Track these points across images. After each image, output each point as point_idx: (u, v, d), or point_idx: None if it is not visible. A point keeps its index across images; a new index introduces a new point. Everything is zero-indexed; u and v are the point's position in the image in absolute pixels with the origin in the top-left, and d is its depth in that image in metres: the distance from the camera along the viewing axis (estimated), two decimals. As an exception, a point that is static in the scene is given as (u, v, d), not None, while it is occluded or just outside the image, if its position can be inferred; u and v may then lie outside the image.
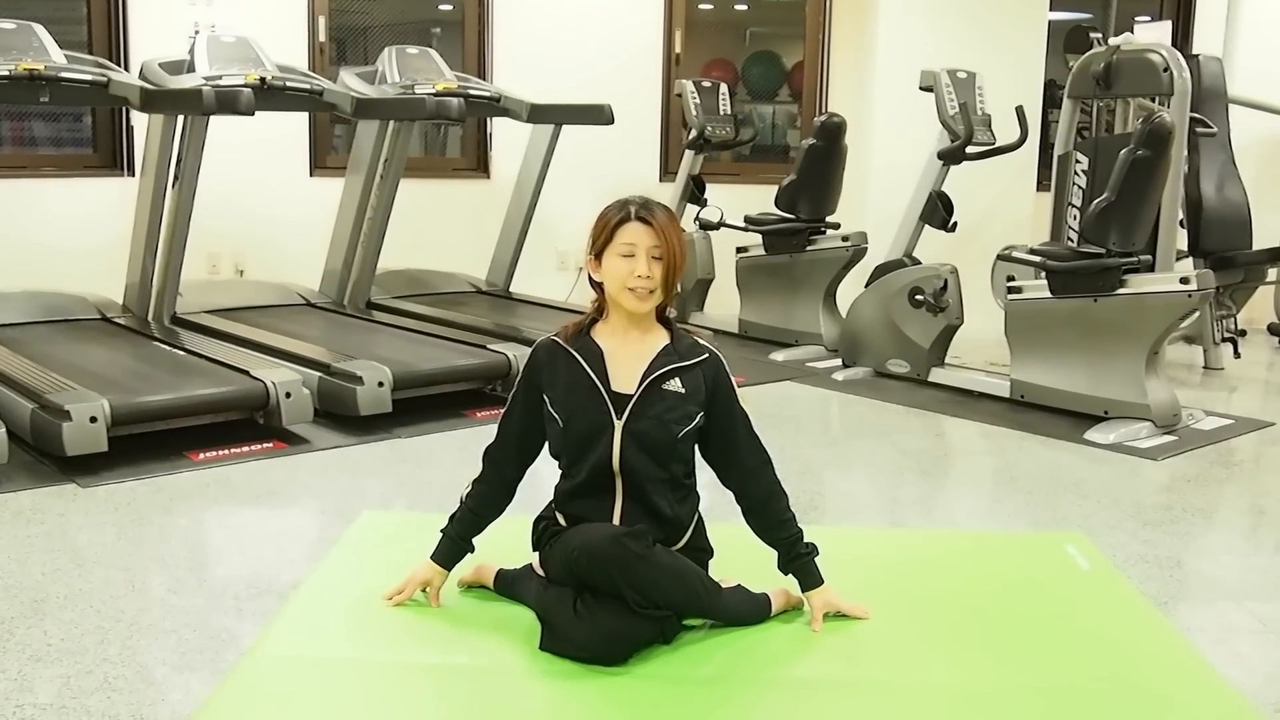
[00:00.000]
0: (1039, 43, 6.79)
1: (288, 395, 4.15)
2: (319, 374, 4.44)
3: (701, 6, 7.66)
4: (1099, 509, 3.65)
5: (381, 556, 2.92)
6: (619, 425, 2.43)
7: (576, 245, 2.58)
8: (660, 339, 2.51)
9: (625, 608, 2.32)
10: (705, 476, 2.59)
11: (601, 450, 2.44)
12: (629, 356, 2.47)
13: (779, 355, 6.00)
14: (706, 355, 2.52)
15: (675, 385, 2.46)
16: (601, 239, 2.46)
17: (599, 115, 5.97)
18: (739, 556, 2.69)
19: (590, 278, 2.53)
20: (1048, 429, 4.61)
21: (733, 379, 2.56)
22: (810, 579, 2.56)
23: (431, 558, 2.60)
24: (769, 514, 2.56)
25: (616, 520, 2.45)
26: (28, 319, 5.13)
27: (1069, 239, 4.91)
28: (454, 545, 2.59)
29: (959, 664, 2.44)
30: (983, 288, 5.51)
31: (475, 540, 2.60)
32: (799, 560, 2.55)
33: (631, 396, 2.44)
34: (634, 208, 2.45)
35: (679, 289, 2.57)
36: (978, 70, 5.88)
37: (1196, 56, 6.13)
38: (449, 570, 2.61)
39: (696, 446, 2.54)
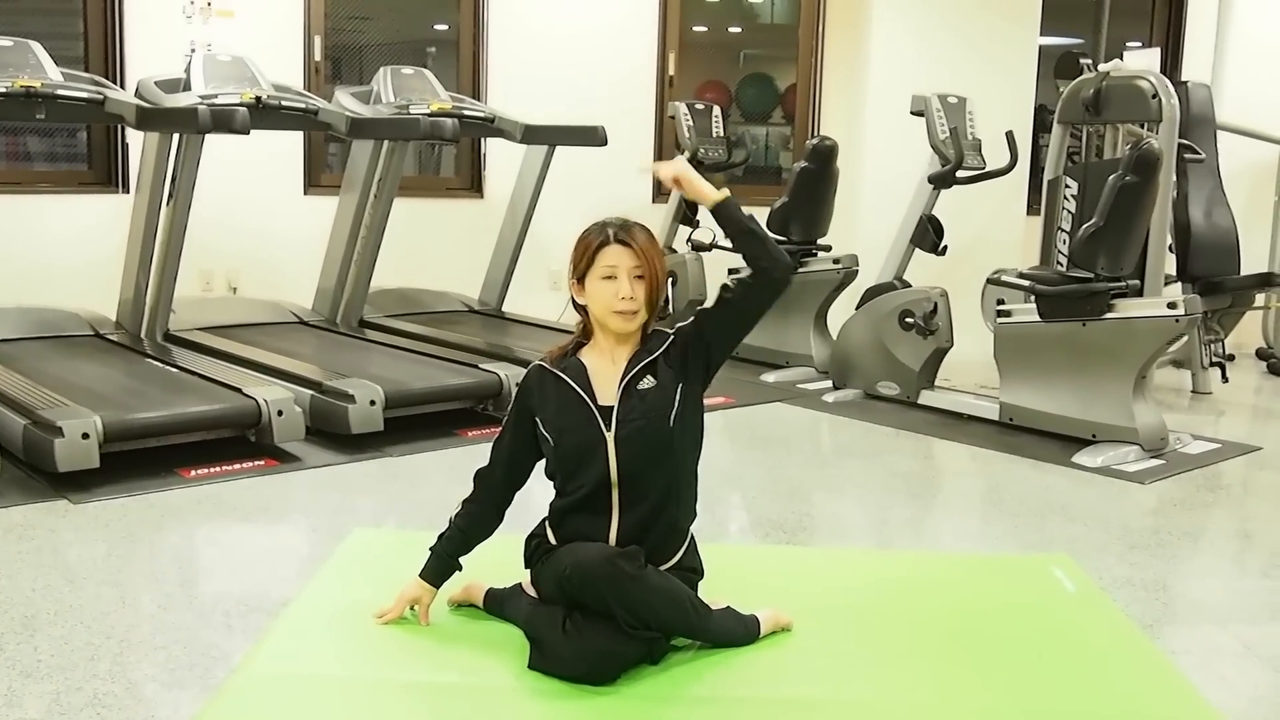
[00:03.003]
0: (1030, 68, 6.86)
1: (280, 413, 4.16)
2: (311, 392, 4.45)
3: (695, 29, 7.71)
4: (1086, 532, 3.67)
5: (372, 575, 2.92)
6: (610, 437, 2.45)
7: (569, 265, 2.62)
8: (635, 347, 2.54)
9: (614, 627, 2.33)
10: (699, 496, 2.61)
11: (599, 464, 2.46)
12: (611, 371, 2.51)
13: (770, 376, 6.02)
14: (669, 338, 2.54)
15: (648, 382, 2.49)
16: (583, 263, 2.50)
17: (593, 137, 6.01)
18: (728, 578, 2.71)
19: (574, 301, 2.56)
20: (1036, 452, 4.63)
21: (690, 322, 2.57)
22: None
23: (420, 575, 2.61)
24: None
25: (613, 534, 2.46)
26: (21, 335, 5.14)
27: (1058, 263, 4.94)
28: (442, 563, 2.60)
29: (945, 685, 2.45)
30: (972, 311, 5.54)
31: (464, 559, 2.61)
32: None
33: (614, 407, 2.47)
34: (613, 230, 2.48)
35: (669, 309, 2.60)
36: (969, 95, 5.93)
37: (1185, 83, 6.19)
38: (437, 588, 2.62)
39: (722, 343, 2.53)
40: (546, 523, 2.57)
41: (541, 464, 2.60)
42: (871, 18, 6.73)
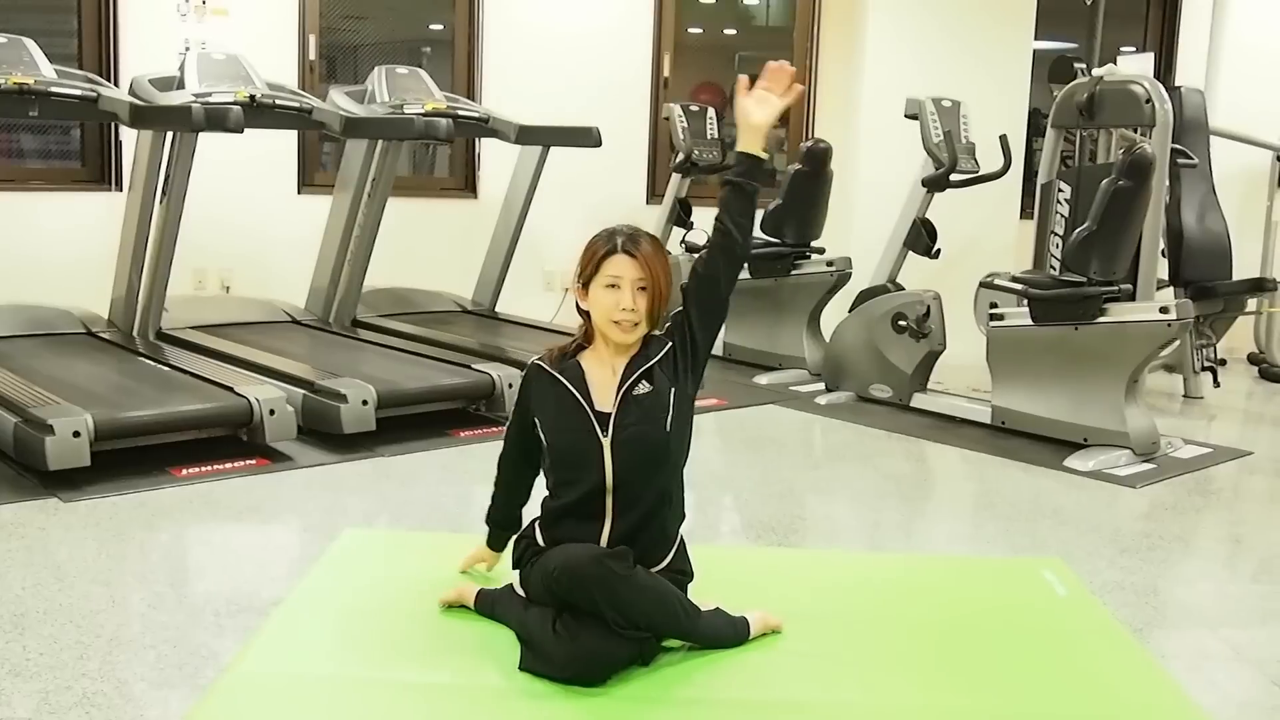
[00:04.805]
0: (1024, 72, 6.87)
1: (272, 412, 4.15)
2: (303, 391, 4.44)
3: (690, 30, 7.71)
4: (1077, 535, 3.68)
5: (363, 574, 2.92)
6: (606, 443, 2.45)
7: (563, 266, 2.63)
8: (634, 352, 2.54)
9: (605, 628, 2.33)
10: (691, 498, 2.61)
11: (594, 470, 2.46)
12: (609, 377, 2.51)
13: (763, 378, 6.02)
14: (666, 344, 2.54)
15: (644, 388, 2.48)
16: (589, 270, 2.49)
17: (587, 138, 6.02)
18: (719, 580, 2.71)
19: (578, 305, 2.56)
20: (1028, 455, 4.64)
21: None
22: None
23: (486, 544, 2.77)
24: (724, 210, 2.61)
25: (605, 539, 2.46)
26: (12, 332, 5.12)
27: (1051, 267, 4.95)
28: (497, 530, 2.74)
29: (935, 688, 2.45)
30: (965, 314, 5.55)
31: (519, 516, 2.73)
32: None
33: (611, 414, 2.46)
34: (620, 239, 2.48)
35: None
36: (963, 98, 5.94)
37: (1179, 88, 6.20)
38: (499, 552, 2.76)
39: (694, 315, 2.55)
40: (537, 524, 2.57)
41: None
42: (866, 20, 6.74)
